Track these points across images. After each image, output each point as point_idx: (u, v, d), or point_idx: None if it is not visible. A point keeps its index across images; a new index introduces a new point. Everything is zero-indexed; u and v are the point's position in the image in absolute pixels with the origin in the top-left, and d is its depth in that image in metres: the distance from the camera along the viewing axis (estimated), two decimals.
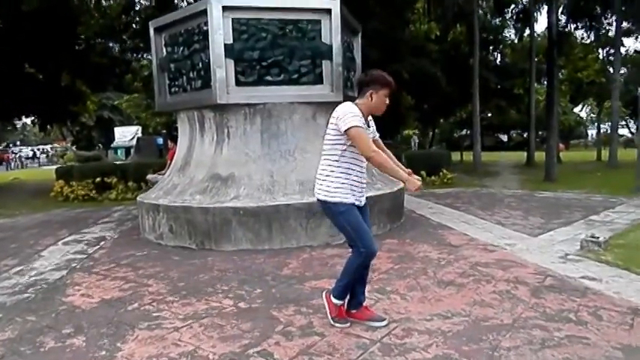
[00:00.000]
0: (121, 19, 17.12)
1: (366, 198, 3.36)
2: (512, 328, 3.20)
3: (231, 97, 6.14)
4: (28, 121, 30.38)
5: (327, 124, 3.17)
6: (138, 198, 6.99)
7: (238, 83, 6.17)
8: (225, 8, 5.99)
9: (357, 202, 3.20)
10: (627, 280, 4.14)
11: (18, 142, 58.88)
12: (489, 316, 3.43)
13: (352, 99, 3.29)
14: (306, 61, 6.33)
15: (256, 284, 4.37)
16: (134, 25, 17.15)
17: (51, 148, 47.06)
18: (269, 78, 6.24)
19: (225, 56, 6.04)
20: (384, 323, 3.31)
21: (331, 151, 3.13)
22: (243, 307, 3.81)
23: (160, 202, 6.29)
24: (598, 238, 5.13)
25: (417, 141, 29.29)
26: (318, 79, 6.41)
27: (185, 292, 4.21)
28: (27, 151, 45.54)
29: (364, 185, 3.28)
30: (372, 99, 3.12)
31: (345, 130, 2.99)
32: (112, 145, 36.16)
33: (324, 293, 3.47)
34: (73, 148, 40.29)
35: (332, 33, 6.35)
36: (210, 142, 6.58)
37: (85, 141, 41.18)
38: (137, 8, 17.66)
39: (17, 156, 38.49)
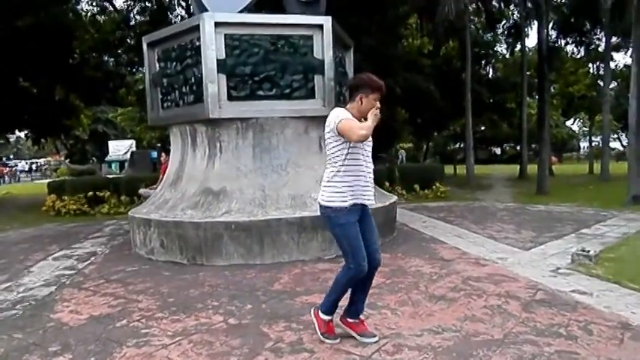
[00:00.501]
0: (116, 34, 17.24)
1: None
2: (503, 344, 3.18)
3: (223, 112, 6.16)
4: (22, 134, 30.31)
5: (320, 137, 3.19)
6: (129, 212, 6.96)
7: (230, 98, 6.19)
8: (217, 24, 6.04)
9: (366, 202, 3.18)
10: (617, 294, 4.15)
11: (11, 156, 58.62)
12: (480, 331, 3.42)
13: (348, 101, 3.30)
14: (298, 76, 6.37)
15: (247, 300, 4.34)
16: (129, 40, 17.26)
17: (44, 162, 46.89)
18: (261, 93, 6.27)
19: (218, 71, 6.08)
20: (374, 339, 3.29)
21: (334, 157, 3.14)
22: (233, 323, 3.77)
23: (151, 216, 6.26)
24: (589, 251, 5.15)
25: (405, 154, 29.09)
26: (310, 94, 6.44)
27: (175, 308, 4.17)
28: (23, 164, 45.45)
29: (369, 184, 3.23)
30: (362, 103, 3.13)
31: (337, 129, 3.02)
32: (106, 159, 36.09)
33: (312, 310, 3.45)
34: (67, 161, 40.15)
35: (324, 48, 6.41)
36: (202, 156, 6.58)
37: (79, 155, 41.06)
38: (132, 23, 17.80)
39: (14, 170, 38.39)
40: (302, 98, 6.43)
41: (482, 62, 25.12)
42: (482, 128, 35.76)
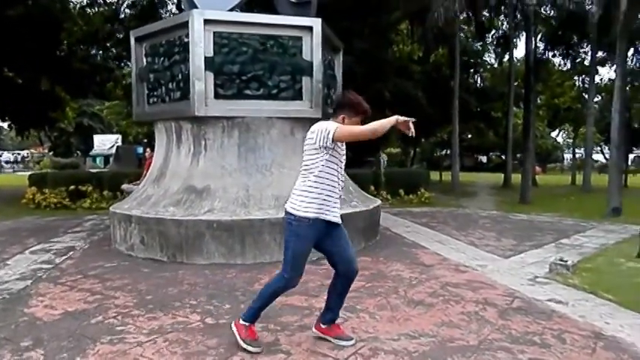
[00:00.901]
0: (105, 27, 17.04)
1: (342, 216, 3.31)
2: (478, 350, 3.21)
3: (209, 110, 6.13)
4: (5, 125, 29.83)
5: (305, 140, 3.16)
6: (110, 208, 6.87)
7: (217, 96, 6.17)
8: (206, 21, 6.02)
9: (333, 219, 3.15)
10: (593, 304, 4.21)
11: None
12: (456, 337, 3.44)
13: (331, 116, 3.30)
14: (286, 77, 6.37)
15: (225, 299, 4.31)
16: (118, 34, 17.08)
17: (27, 154, 46.26)
18: (248, 92, 6.25)
19: (205, 69, 6.05)
20: (351, 342, 3.29)
21: (309, 167, 3.09)
22: (210, 322, 3.75)
23: (132, 212, 6.19)
24: (566, 261, 5.22)
25: (386, 158, 28.36)
26: (298, 95, 6.44)
27: (152, 306, 4.13)
28: (8, 155, 44.92)
29: (338, 201, 3.21)
30: (343, 123, 3.10)
31: (333, 140, 2.98)
32: (90, 153, 35.63)
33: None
34: (50, 154, 39.54)
35: (313, 50, 6.41)
36: (186, 153, 6.53)
37: (63, 147, 40.45)
38: (122, 16, 17.62)
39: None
40: (289, 99, 6.43)
41: (471, 71, 25.38)
42: (469, 136, 36.11)
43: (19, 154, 46.16)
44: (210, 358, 3.08)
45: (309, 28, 6.40)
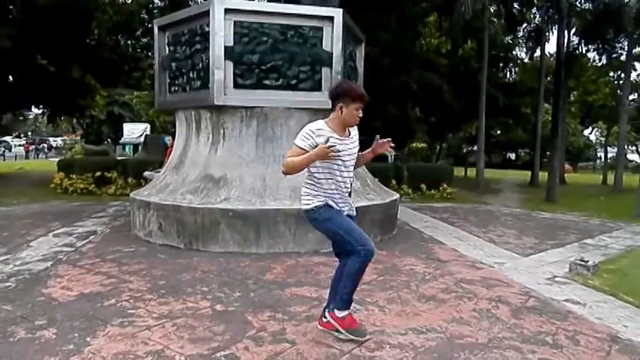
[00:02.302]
0: (135, 16, 17.30)
1: (357, 208, 3.31)
2: (486, 348, 3.14)
3: (228, 99, 6.15)
4: (40, 112, 30.82)
5: None
6: (131, 194, 7.00)
7: (236, 85, 6.18)
8: (227, 11, 6.02)
9: (344, 209, 3.16)
10: (611, 306, 4.07)
11: (29, 133, 59.58)
12: (465, 334, 3.38)
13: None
14: (305, 68, 6.33)
15: (236, 287, 4.34)
16: (147, 24, 17.33)
17: (61, 141, 48.02)
18: (267, 82, 6.25)
19: (225, 58, 6.07)
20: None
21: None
22: (219, 309, 3.78)
23: (151, 199, 6.29)
24: (587, 262, 5.05)
25: (394, 153, 27.59)
26: (317, 86, 6.40)
27: (164, 291, 4.19)
28: (51, 142, 47.23)
29: (346, 196, 3.19)
30: (342, 112, 3.07)
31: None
32: (120, 141, 36.35)
33: (325, 315, 3.28)
34: (82, 141, 40.61)
35: (333, 41, 6.35)
36: (205, 142, 6.59)
37: (94, 135, 41.42)
38: (151, 6, 17.84)
39: (40, 146, 39.95)
40: (308, 90, 6.39)
41: (500, 65, 24.73)
42: (498, 132, 35.36)
43: (63, 140, 48.29)
44: (215, 344, 3.10)
45: (330, 19, 6.34)
